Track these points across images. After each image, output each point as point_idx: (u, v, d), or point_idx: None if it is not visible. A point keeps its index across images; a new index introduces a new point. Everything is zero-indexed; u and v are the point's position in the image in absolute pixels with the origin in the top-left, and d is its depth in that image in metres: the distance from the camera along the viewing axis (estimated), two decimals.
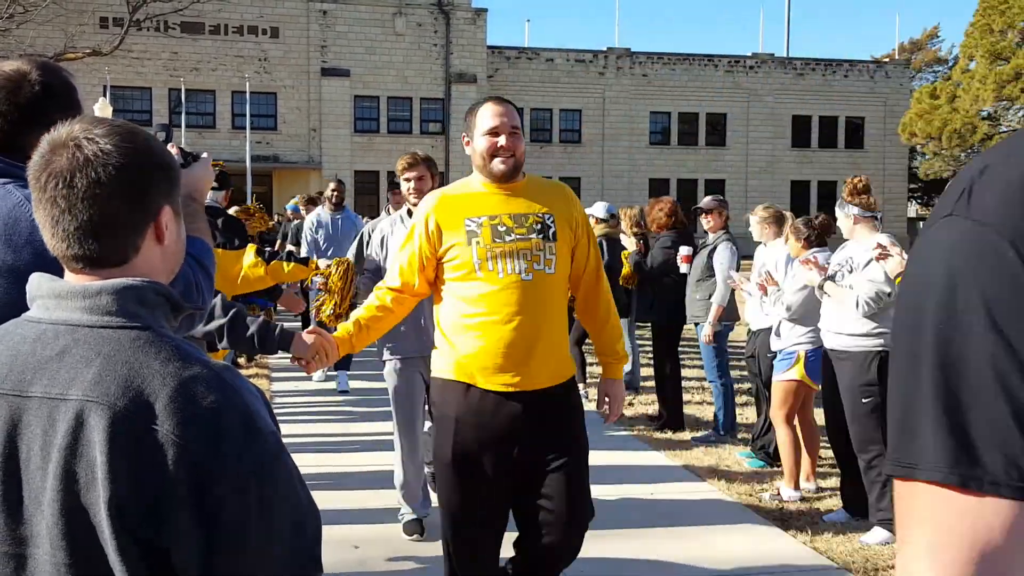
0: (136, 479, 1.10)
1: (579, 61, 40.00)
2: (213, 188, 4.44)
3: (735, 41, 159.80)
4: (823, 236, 5.52)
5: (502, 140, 3.00)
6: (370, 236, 5.84)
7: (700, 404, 8.07)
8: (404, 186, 4.71)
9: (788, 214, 6.13)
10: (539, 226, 3.03)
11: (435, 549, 4.54)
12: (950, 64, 47.30)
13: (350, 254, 5.84)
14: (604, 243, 7.83)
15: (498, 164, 3.01)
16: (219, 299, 3.26)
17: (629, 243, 7.82)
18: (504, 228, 2.99)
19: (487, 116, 3.04)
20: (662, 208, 7.26)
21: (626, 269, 7.58)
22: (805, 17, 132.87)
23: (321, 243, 8.76)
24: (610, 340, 3.29)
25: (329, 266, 4.80)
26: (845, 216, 4.84)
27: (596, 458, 6.15)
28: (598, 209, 8.27)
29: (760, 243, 6.27)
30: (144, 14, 27.13)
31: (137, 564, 1.11)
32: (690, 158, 41.23)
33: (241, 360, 9.81)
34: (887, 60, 45.55)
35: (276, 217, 17.12)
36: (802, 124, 42.23)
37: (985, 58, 33.80)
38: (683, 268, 6.91)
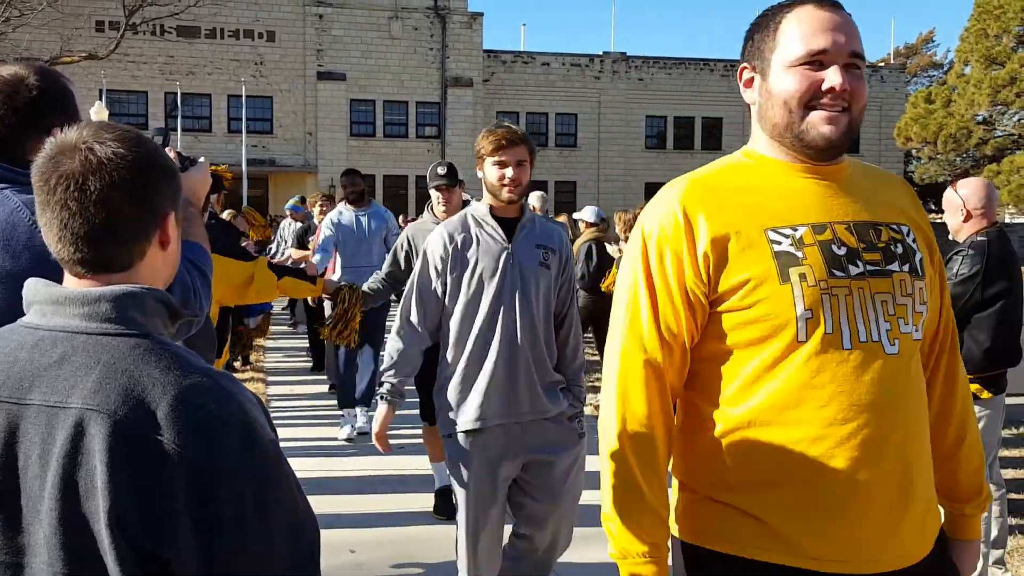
0: (136, 488, 1.09)
1: (575, 65, 40.04)
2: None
3: (731, 45, 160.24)
4: None
5: (832, 77, 1.58)
6: (410, 247, 4.74)
7: None
8: (494, 174, 3.26)
9: None
10: (899, 247, 1.64)
11: (434, 554, 4.54)
12: (945, 68, 47.44)
13: (383, 268, 4.89)
14: (594, 248, 7.84)
15: (820, 123, 1.59)
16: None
17: (613, 250, 7.80)
18: (845, 250, 1.59)
19: (805, 31, 1.60)
20: None
21: (613, 274, 7.58)
22: None
23: (343, 245, 7.14)
24: (970, 468, 1.79)
25: (342, 289, 4.68)
26: None
27: (596, 462, 6.15)
28: (588, 213, 8.29)
29: None
30: (140, 18, 27.15)
31: (136, 573, 1.11)
32: (686, 162, 41.24)
33: (236, 364, 9.79)
34: (882, 64, 45.65)
35: (268, 219, 16.85)
36: None
37: (980, 63, 33.89)
38: None
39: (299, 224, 10.69)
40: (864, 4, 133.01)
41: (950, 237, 4.20)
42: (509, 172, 3.25)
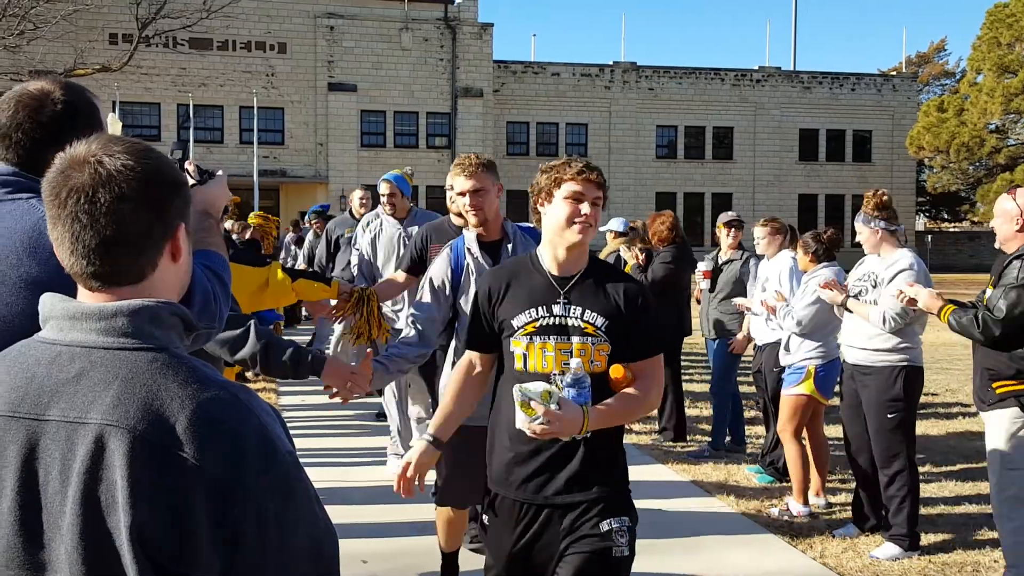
0: (157, 503, 1.09)
1: (585, 75, 40.10)
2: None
3: (742, 54, 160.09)
4: (831, 250, 5.52)
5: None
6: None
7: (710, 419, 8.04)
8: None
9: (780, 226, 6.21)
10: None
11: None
12: (957, 77, 47.36)
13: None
14: (622, 258, 7.93)
15: None
16: (252, 325, 3.20)
17: (629, 255, 7.86)
18: None
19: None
20: (664, 222, 7.24)
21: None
22: (812, 30, 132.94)
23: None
24: None
25: (354, 292, 4.61)
26: (871, 231, 4.79)
27: None
28: (616, 224, 8.39)
29: (762, 256, 6.30)
30: (153, 30, 27.35)
31: None
32: (697, 172, 41.24)
33: (248, 375, 9.80)
34: (894, 73, 45.57)
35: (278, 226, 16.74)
36: (809, 137, 42.23)
37: (992, 71, 33.81)
38: (704, 284, 6.96)
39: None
40: (876, 13, 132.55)
41: (997, 245, 4.13)
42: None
